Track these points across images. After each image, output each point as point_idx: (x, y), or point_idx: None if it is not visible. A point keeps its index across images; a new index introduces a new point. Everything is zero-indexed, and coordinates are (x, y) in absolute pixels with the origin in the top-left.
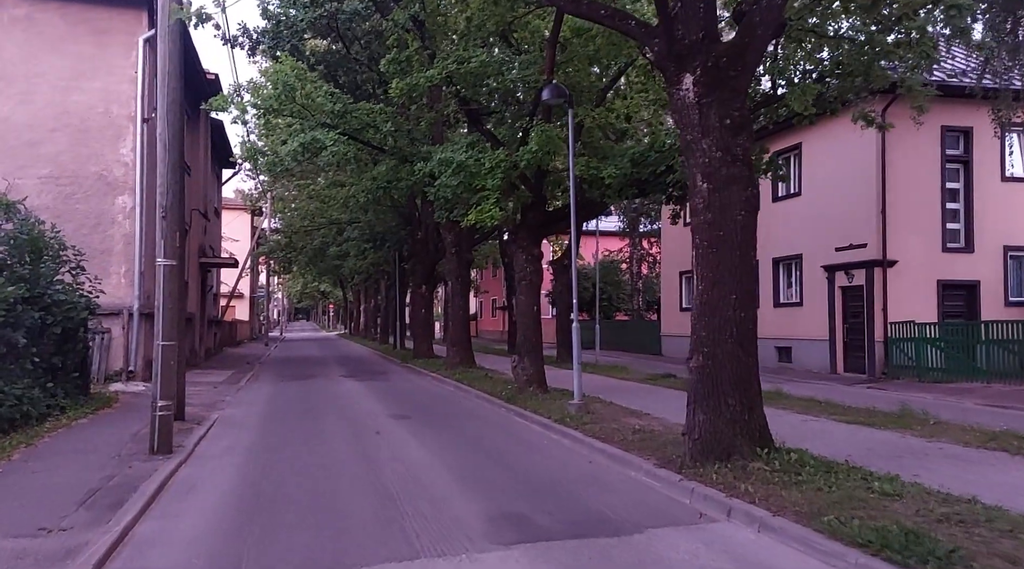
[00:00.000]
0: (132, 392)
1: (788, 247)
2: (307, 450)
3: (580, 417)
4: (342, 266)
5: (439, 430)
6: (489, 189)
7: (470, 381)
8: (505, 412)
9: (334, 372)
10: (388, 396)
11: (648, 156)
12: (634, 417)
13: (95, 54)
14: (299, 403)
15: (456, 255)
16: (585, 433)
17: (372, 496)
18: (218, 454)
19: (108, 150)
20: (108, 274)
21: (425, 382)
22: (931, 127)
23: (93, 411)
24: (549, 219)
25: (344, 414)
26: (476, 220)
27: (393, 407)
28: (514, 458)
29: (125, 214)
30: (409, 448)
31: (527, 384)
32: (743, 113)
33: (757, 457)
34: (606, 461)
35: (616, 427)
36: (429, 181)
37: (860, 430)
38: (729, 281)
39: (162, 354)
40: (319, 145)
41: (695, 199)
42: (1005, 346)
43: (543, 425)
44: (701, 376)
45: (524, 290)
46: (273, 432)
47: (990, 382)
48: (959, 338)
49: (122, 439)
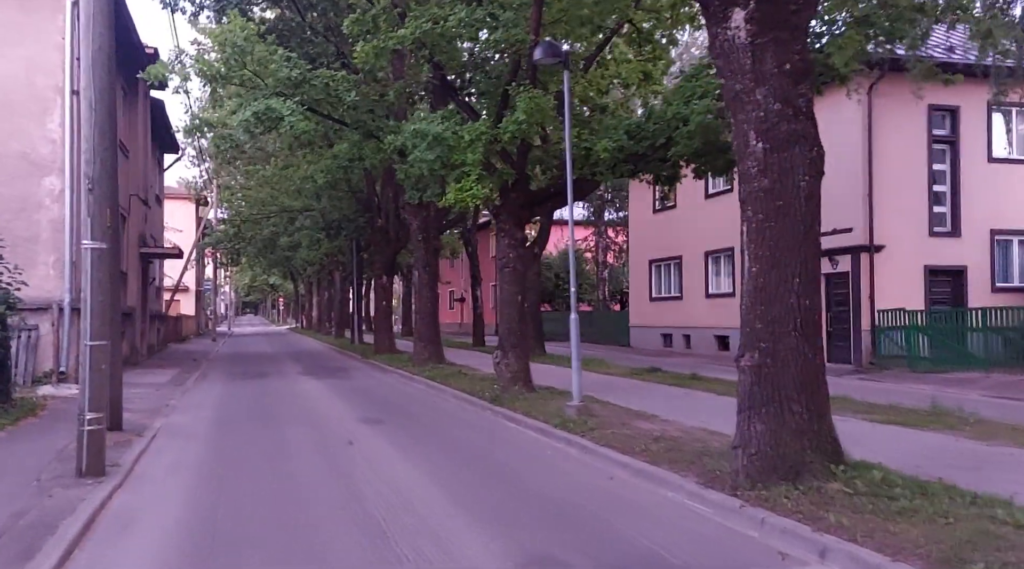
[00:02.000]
0: (62, 397)
1: None
2: (270, 468)
3: (583, 421)
4: (293, 257)
5: (421, 438)
6: (469, 164)
7: (443, 379)
8: (492, 415)
9: (290, 369)
10: (354, 397)
11: (645, 128)
12: (643, 420)
13: (17, 18)
14: (254, 406)
15: (423, 242)
16: (595, 441)
17: (357, 532)
18: (162, 475)
19: (33, 126)
20: (35, 264)
21: (392, 380)
22: (917, 106)
23: (13, 422)
24: (533, 199)
25: (308, 419)
26: (455, 200)
27: (362, 410)
28: (519, 474)
29: (53, 197)
30: (391, 462)
31: (511, 382)
32: (804, 57)
33: (833, 476)
34: (631, 478)
35: (629, 433)
36: (398, 158)
37: (902, 432)
38: (791, 261)
39: (90, 356)
40: (275, 114)
41: (746, 162)
42: (1001, 333)
43: (541, 431)
44: (758, 378)
45: (508, 278)
46: (227, 444)
47: (989, 371)
48: (951, 325)
49: (44, 458)
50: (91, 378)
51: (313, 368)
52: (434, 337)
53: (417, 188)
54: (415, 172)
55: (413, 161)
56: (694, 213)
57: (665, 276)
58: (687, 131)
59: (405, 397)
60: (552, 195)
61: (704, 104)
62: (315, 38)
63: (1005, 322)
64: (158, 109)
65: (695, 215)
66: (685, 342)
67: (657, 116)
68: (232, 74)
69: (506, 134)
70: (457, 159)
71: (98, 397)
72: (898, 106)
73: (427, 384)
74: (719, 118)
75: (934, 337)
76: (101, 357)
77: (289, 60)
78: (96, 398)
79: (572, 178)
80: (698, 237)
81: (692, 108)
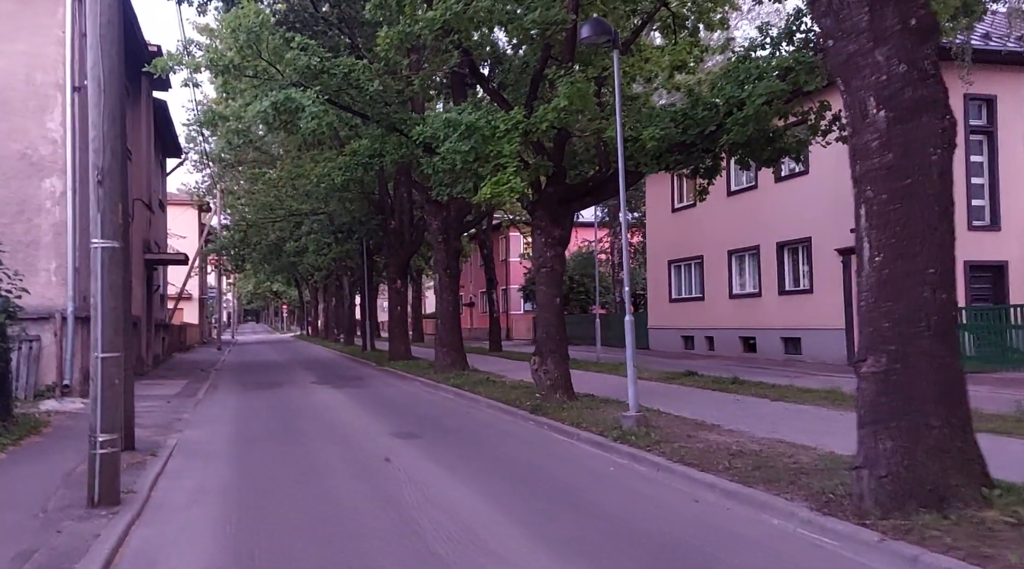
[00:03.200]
0: (67, 412)
1: (794, 230)
2: (305, 493)
3: (644, 433)
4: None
5: (465, 454)
6: (506, 156)
7: (472, 387)
8: (535, 426)
9: (303, 378)
10: (379, 407)
11: (694, 114)
12: (708, 431)
13: (14, 11)
14: (274, 420)
15: (443, 243)
16: (667, 457)
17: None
18: (184, 502)
19: (32, 124)
20: (36, 271)
21: (414, 388)
22: (953, 95)
23: (15, 441)
24: (571, 194)
25: (334, 433)
26: (491, 194)
27: (391, 422)
28: (589, 496)
29: (54, 200)
30: (440, 484)
31: (552, 390)
32: (928, 12)
33: (986, 502)
34: (721, 500)
35: (701, 447)
36: (422, 153)
37: (1010, 444)
38: (923, 248)
39: (102, 370)
40: (294, 105)
41: (864, 136)
42: None
43: (597, 444)
44: (884, 386)
45: (545, 279)
46: (251, 464)
47: None
48: (995, 323)
49: (50, 483)
50: (103, 395)
51: (328, 377)
52: (456, 343)
53: (445, 184)
54: (444, 166)
55: (445, 153)
56: (716, 211)
57: (685, 276)
58: (741, 117)
59: (434, 407)
60: (591, 189)
61: (765, 86)
62: (328, 30)
63: None
64: (161, 111)
65: (717, 213)
66: (708, 344)
67: (705, 102)
68: (246, 64)
69: (543, 123)
70: (492, 150)
71: (112, 416)
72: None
73: (455, 393)
74: (767, 104)
75: (980, 335)
76: (114, 371)
77: (307, 48)
78: (109, 417)
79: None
80: (721, 236)
81: (749, 91)
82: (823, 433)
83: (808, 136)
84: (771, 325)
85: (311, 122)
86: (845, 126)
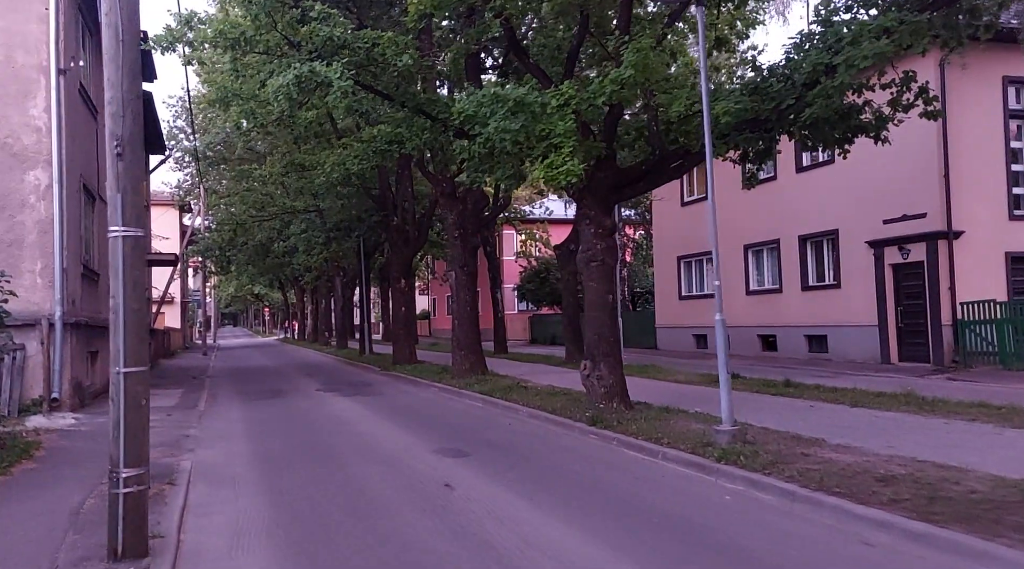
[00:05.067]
0: (59, 430)
1: (819, 223)
2: (370, 533)
3: (752, 452)
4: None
5: (533, 476)
6: (560, 135)
7: (503, 394)
8: (598, 441)
9: (306, 386)
10: (404, 418)
11: (767, 86)
12: (820, 448)
13: None
14: (293, 434)
15: (460, 239)
16: (801, 483)
17: None
18: (224, 549)
19: (13, 111)
20: (20, 272)
21: (432, 395)
22: (991, 77)
23: (5, 469)
24: (623, 179)
25: (368, 451)
26: (545, 178)
27: (427, 436)
28: (721, 536)
29: (39, 194)
30: (527, 518)
31: (607, 398)
32: None
33: None
34: (903, 544)
35: (835, 470)
36: (456, 136)
37: None
38: None
39: (125, 388)
40: (320, 80)
41: None
42: None
43: (692, 465)
44: None
45: (595, 274)
46: (288, 493)
47: None
48: None
49: (56, 526)
50: (127, 419)
51: (333, 383)
52: (475, 346)
53: (481, 170)
54: (481, 150)
55: (491, 133)
56: (730, 204)
57: (696, 273)
58: (833, 86)
59: (468, 418)
60: (644, 174)
61: (870, 48)
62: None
63: None
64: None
65: (731, 206)
66: None
67: (779, 73)
68: (259, 38)
69: (598, 98)
70: (545, 129)
71: (138, 446)
72: (972, 78)
73: (484, 400)
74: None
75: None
76: (140, 390)
77: (329, 18)
78: (135, 448)
79: (711, 143)
80: (736, 229)
81: (844, 56)
82: (951, 447)
83: (890, 111)
84: (793, 322)
85: (343, 99)
86: (931, 99)
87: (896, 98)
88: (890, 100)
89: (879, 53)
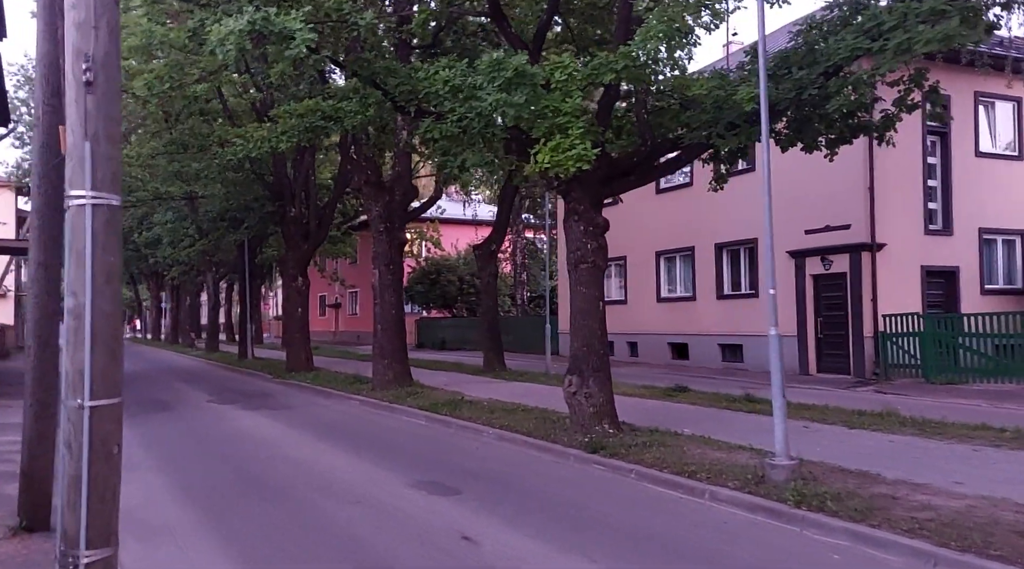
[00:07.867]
0: None
1: (737, 231)
2: None
3: (835, 495)
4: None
5: (569, 525)
6: (567, 114)
7: (449, 410)
8: (608, 473)
9: (191, 396)
10: (341, 440)
11: (786, 74)
12: (899, 486)
13: None
14: (211, 460)
15: (385, 233)
16: (947, 545)
17: None
18: None
19: None
20: None
21: (357, 410)
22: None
23: None
24: (614, 170)
25: (326, 485)
26: (551, 163)
27: (389, 466)
28: None
29: None
30: None
31: (595, 419)
32: None
33: None
34: None
35: (956, 520)
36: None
37: None
38: None
39: (90, 429)
40: (278, 30)
41: None
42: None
43: (762, 509)
44: None
45: (584, 278)
46: (253, 550)
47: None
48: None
49: None
50: (92, 473)
51: (225, 393)
52: (400, 354)
53: (453, 153)
54: (453, 130)
55: (492, 106)
56: (643, 210)
57: (605, 279)
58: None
59: (420, 440)
60: (634, 167)
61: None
62: None
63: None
64: None
65: (644, 212)
66: (630, 350)
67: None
68: None
69: (606, 74)
70: (550, 107)
71: (107, 514)
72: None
73: (427, 418)
74: None
75: (956, 344)
76: (111, 431)
77: None
78: (101, 518)
79: (767, 117)
80: (648, 236)
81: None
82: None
83: (897, 110)
84: (707, 331)
85: (300, 54)
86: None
87: (902, 97)
88: (896, 99)
89: (947, 35)
